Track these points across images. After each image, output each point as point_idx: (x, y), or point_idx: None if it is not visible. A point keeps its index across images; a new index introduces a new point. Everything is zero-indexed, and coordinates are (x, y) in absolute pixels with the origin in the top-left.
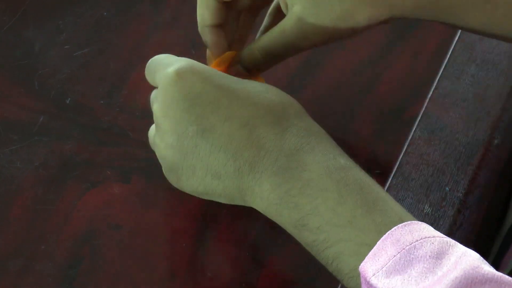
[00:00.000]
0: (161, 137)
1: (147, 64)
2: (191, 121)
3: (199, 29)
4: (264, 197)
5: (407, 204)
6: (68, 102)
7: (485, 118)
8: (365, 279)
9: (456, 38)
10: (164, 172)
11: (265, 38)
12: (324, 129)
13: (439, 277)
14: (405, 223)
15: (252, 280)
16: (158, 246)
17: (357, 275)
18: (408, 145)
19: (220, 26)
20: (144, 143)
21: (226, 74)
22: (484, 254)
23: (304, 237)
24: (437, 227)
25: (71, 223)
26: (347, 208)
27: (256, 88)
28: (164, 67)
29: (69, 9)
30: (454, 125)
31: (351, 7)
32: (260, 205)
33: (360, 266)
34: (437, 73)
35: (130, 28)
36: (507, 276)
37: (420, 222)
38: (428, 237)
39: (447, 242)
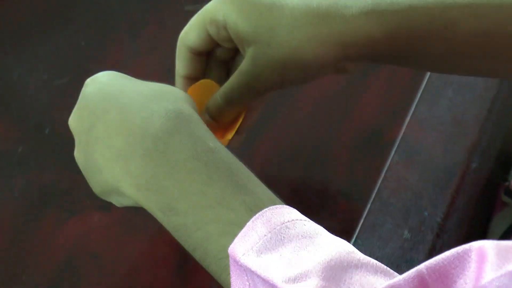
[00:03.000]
0: (75, 147)
1: None
2: (84, 119)
3: (175, 78)
4: (133, 183)
5: (386, 230)
6: (47, 132)
7: (462, 142)
8: (235, 259)
9: None
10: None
11: (226, 84)
12: (302, 153)
13: (311, 256)
14: (277, 206)
15: None
16: (140, 274)
17: (225, 256)
18: (386, 170)
19: (193, 78)
20: None
21: (134, 79)
22: None
23: (173, 222)
24: (416, 252)
25: (51, 252)
26: (216, 189)
27: (150, 83)
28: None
29: (47, 38)
30: (432, 149)
31: (299, 46)
32: (130, 193)
33: (229, 247)
34: (414, 97)
35: (108, 56)
36: (381, 264)
37: (292, 208)
38: (300, 220)
39: (319, 227)
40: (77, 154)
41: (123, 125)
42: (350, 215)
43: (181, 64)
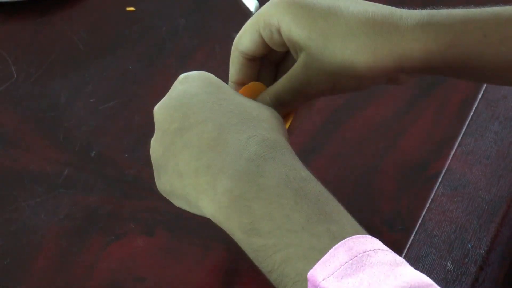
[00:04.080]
0: (155, 134)
1: None
2: (175, 119)
3: (228, 83)
4: (216, 200)
5: (429, 261)
6: (93, 154)
7: (508, 176)
8: (314, 284)
9: (480, 95)
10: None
11: (276, 85)
12: (347, 184)
13: (390, 282)
14: (360, 235)
15: None
16: None
17: (303, 279)
18: (431, 202)
19: (245, 84)
20: None
21: (229, 87)
22: None
23: (253, 242)
24: (459, 284)
25: (95, 275)
26: (302, 214)
27: (246, 101)
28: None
29: (95, 61)
30: (477, 182)
31: (352, 56)
32: (209, 209)
33: (309, 273)
34: (460, 130)
35: (155, 81)
36: None
37: (375, 238)
38: (383, 250)
39: (400, 258)
40: (155, 144)
41: (218, 142)
42: (394, 246)
43: (234, 69)
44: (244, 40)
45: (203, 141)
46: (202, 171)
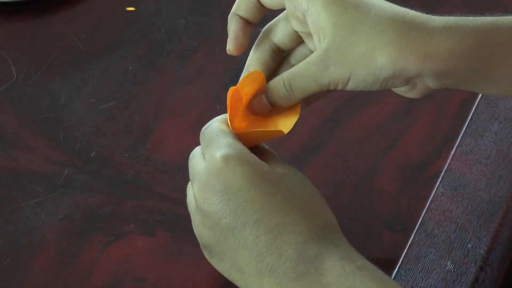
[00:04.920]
0: (200, 216)
1: (203, 130)
2: (226, 214)
3: (230, 14)
4: None
5: (429, 261)
6: (92, 155)
7: (507, 176)
8: None
9: (480, 95)
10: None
11: (293, 69)
12: (347, 184)
13: None
14: None
15: None
16: None
17: None
18: (430, 202)
19: (249, 23)
20: (168, 197)
21: (268, 169)
22: None
23: None
24: (459, 284)
25: (95, 275)
26: None
27: (292, 191)
28: (216, 146)
29: (95, 62)
30: (477, 182)
31: (375, 49)
32: None
33: None
34: (460, 130)
35: (155, 82)
36: None
37: None
38: None
39: None
40: (203, 231)
41: (276, 245)
42: (394, 246)
43: (244, 3)
44: (276, 27)
45: (261, 244)
46: (265, 273)
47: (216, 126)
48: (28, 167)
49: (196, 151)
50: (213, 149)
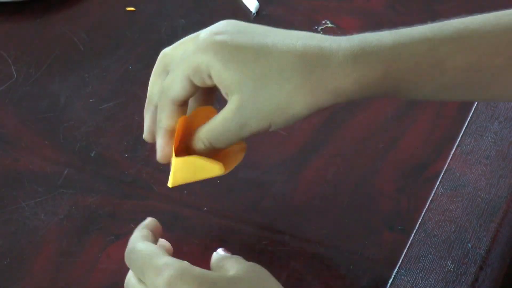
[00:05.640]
0: None
1: (128, 254)
2: None
3: (156, 129)
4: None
5: (429, 261)
6: (92, 155)
7: (507, 175)
8: None
9: None
10: None
11: (209, 127)
12: (347, 184)
13: None
14: None
15: None
16: None
17: None
18: (430, 202)
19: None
20: (168, 197)
21: (215, 276)
22: None
23: None
24: (459, 284)
25: (95, 275)
26: None
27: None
28: (154, 271)
29: (95, 62)
30: (477, 182)
31: (288, 97)
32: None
33: None
34: (460, 130)
35: None
36: None
37: None
38: None
39: None
40: None
41: None
42: (393, 246)
43: (165, 116)
44: (175, 88)
45: None
46: None
47: (143, 247)
48: (28, 167)
49: (131, 281)
50: (152, 275)
